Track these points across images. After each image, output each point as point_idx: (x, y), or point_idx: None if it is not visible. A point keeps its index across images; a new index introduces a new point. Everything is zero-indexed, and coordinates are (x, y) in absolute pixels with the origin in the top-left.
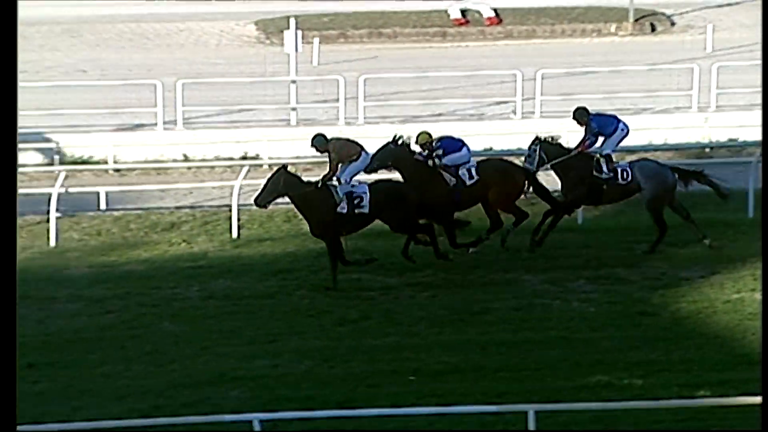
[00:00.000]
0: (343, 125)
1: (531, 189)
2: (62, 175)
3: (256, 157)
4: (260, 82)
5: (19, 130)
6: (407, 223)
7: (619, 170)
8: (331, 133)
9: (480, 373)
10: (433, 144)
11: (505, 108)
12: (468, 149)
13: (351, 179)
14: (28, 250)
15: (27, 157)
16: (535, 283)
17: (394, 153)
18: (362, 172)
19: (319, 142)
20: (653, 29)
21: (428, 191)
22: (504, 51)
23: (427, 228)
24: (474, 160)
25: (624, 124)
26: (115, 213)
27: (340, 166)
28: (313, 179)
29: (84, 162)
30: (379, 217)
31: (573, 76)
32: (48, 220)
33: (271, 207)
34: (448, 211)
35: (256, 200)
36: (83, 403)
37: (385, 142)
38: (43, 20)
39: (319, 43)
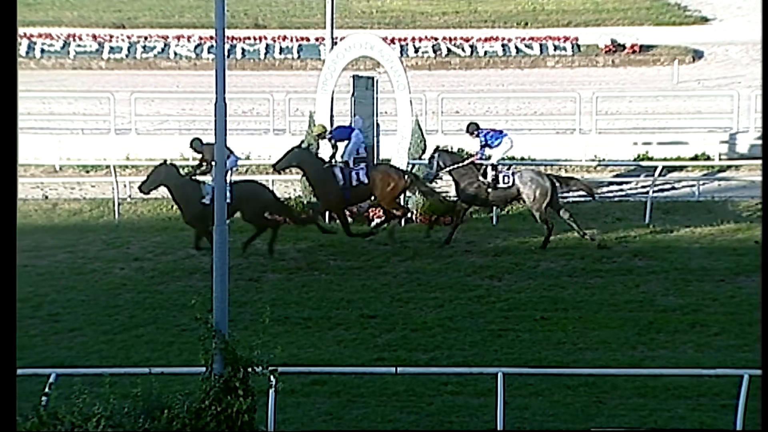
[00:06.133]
0: None
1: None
2: None
3: None
4: None
5: None
6: (256, 216)
7: (500, 176)
8: None
9: None
10: (326, 134)
11: None
12: (357, 136)
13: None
14: None
15: None
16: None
17: (298, 155)
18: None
19: (196, 144)
20: None
21: (323, 188)
22: None
23: (274, 222)
24: (364, 165)
25: (509, 137)
26: None
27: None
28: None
29: None
30: (238, 209)
31: None
32: None
33: None
34: (339, 205)
35: (140, 188)
36: None
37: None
38: None
39: None
